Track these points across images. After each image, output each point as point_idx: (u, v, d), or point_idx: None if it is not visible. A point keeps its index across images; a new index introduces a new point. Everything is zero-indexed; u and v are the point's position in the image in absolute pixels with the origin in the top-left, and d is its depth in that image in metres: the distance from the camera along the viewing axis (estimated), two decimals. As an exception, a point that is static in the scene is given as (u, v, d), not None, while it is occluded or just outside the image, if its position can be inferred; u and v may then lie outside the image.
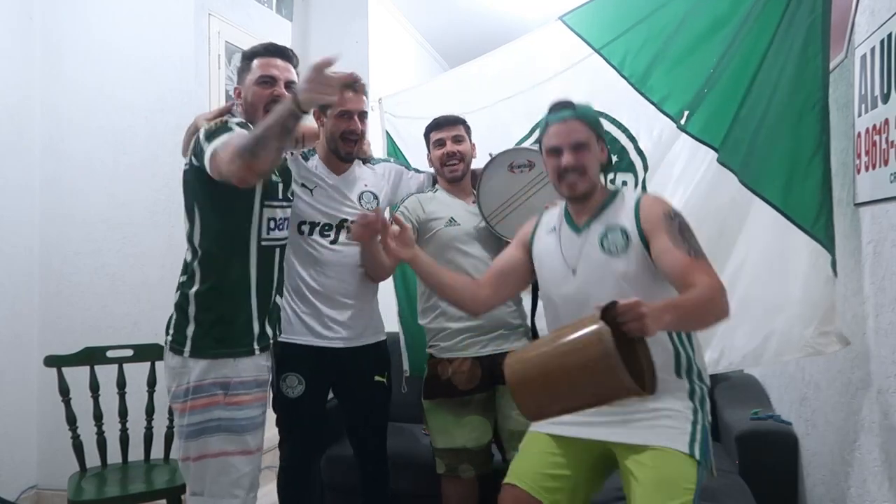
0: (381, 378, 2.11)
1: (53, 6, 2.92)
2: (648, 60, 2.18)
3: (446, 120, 2.18)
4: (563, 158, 1.62)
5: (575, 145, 1.61)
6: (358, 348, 2.05)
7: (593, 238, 1.63)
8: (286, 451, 2.10)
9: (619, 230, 1.60)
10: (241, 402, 1.69)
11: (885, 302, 1.44)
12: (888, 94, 1.41)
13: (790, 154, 1.77)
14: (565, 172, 1.62)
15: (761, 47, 1.93)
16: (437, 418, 2.12)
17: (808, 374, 2.02)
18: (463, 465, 2.08)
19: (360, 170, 2.15)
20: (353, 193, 2.09)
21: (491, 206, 2.10)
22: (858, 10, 1.63)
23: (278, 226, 1.79)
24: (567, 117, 1.65)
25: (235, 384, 1.68)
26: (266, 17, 3.50)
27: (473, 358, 2.07)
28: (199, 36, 2.89)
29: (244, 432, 1.69)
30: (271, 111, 1.56)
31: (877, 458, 1.49)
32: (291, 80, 1.80)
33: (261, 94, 1.76)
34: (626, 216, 1.61)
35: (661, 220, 1.56)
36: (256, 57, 1.81)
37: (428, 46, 4.98)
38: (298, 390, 2.00)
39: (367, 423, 2.14)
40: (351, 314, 2.04)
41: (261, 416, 1.75)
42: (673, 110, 2.12)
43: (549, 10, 2.76)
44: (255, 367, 1.73)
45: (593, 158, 1.64)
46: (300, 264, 2.01)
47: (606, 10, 2.33)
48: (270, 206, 1.76)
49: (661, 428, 1.52)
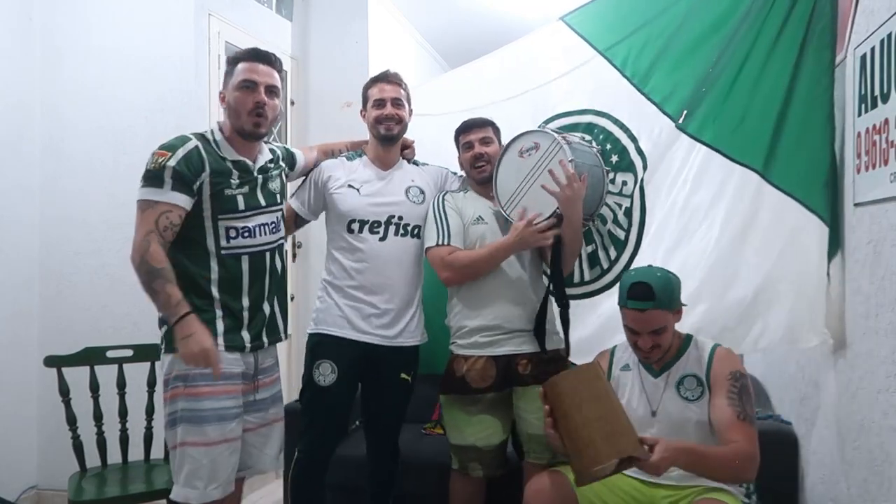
0: (407, 377, 2.16)
1: (53, 6, 2.92)
2: (650, 61, 2.19)
3: (475, 122, 2.19)
4: (641, 341, 1.73)
5: (653, 332, 1.72)
6: (395, 348, 2.11)
7: (672, 383, 1.75)
8: (305, 442, 2.13)
9: (694, 378, 1.74)
10: (200, 393, 1.72)
11: (885, 302, 1.44)
12: (888, 94, 1.41)
13: (812, 151, 1.83)
14: (644, 349, 1.74)
15: (763, 47, 1.93)
16: (451, 414, 2.12)
17: (808, 374, 2.02)
18: (472, 464, 2.08)
19: (407, 167, 2.25)
20: (400, 189, 2.17)
21: (506, 195, 2.10)
22: (858, 10, 1.63)
23: (241, 234, 1.80)
24: (648, 308, 1.71)
25: (194, 375, 1.72)
26: (266, 17, 3.50)
27: (489, 357, 2.05)
28: (199, 36, 2.89)
29: (203, 423, 1.72)
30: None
31: (877, 458, 1.48)
32: (273, 85, 1.83)
33: (243, 100, 1.79)
34: (700, 365, 1.75)
35: (726, 377, 1.70)
36: (240, 62, 1.82)
37: (428, 46, 4.98)
38: (331, 378, 2.06)
39: (387, 416, 2.19)
40: (394, 313, 2.10)
41: (226, 410, 1.75)
42: (672, 110, 2.13)
43: (549, 10, 2.76)
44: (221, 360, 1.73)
45: (670, 333, 1.75)
46: (348, 260, 2.09)
47: (607, 9, 2.33)
48: (225, 219, 1.78)
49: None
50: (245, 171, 1.84)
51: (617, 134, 2.25)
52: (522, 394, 2.06)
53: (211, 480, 1.73)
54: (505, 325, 2.05)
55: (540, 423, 1.95)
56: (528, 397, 2.03)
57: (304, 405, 2.13)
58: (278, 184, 1.97)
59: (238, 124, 1.81)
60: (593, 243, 2.28)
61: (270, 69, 1.83)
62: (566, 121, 2.36)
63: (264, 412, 1.91)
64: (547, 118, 2.40)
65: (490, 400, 2.07)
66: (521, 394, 2.06)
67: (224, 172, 1.79)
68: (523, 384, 2.05)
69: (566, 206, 1.97)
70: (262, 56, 1.84)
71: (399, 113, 2.14)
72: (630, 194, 2.21)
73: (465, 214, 2.12)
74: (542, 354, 2.06)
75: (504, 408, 2.10)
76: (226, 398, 1.75)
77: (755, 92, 1.97)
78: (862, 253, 1.59)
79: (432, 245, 2.07)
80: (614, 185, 2.23)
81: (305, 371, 2.11)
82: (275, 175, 1.95)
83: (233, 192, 1.79)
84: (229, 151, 1.83)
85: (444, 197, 2.15)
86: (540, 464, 2.02)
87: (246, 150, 1.86)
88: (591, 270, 2.29)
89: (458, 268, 2.03)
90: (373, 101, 2.16)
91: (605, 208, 2.24)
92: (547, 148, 2.03)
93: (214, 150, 1.80)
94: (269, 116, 1.83)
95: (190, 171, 1.71)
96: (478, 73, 2.62)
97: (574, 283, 2.30)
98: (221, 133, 1.85)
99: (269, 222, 1.87)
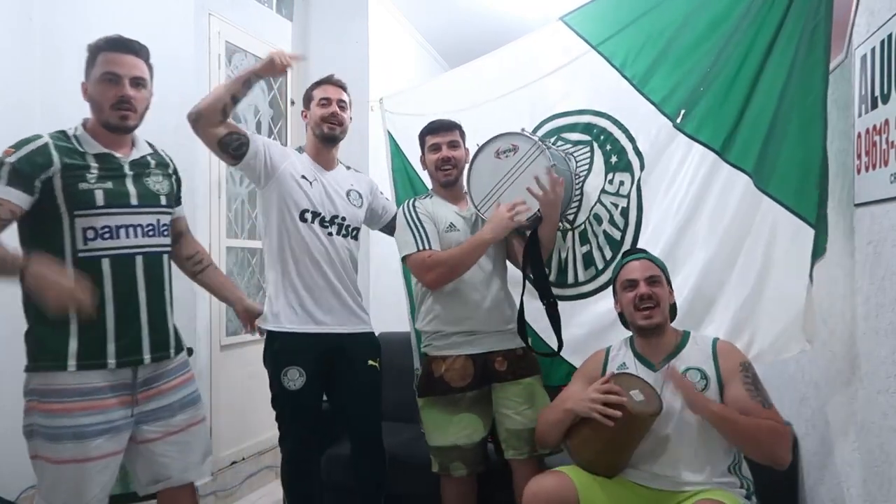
0: (374, 363, 2.20)
1: (53, 6, 2.92)
2: (650, 62, 2.19)
3: (442, 125, 2.20)
4: (639, 288, 1.81)
5: (649, 278, 1.82)
6: (352, 335, 2.15)
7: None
8: (288, 446, 2.15)
9: (697, 371, 1.75)
10: (53, 410, 1.62)
11: (885, 302, 1.44)
12: (888, 94, 1.41)
13: (803, 154, 1.79)
14: (640, 302, 1.80)
15: (761, 46, 1.92)
16: (431, 416, 2.13)
17: (808, 374, 2.02)
18: (454, 464, 2.09)
19: (344, 171, 2.28)
20: (343, 190, 2.21)
21: (481, 194, 2.12)
22: (858, 10, 1.63)
23: (101, 234, 1.66)
24: (642, 257, 1.91)
25: (46, 391, 1.64)
26: (266, 17, 3.50)
27: (466, 355, 2.08)
28: (199, 36, 2.89)
29: (57, 440, 1.62)
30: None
31: (877, 459, 1.48)
32: (139, 77, 1.73)
33: (105, 94, 1.70)
34: (704, 359, 1.77)
35: (738, 370, 1.73)
36: (100, 52, 1.71)
37: (428, 46, 4.98)
38: (299, 382, 2.06)
39: (363, 406, 2.19)
40: (344, 303, 2.14)
41: (84, 428, 1.62)
42: (671, 109, 2.12)
43: (549, 10, 2.76)
44: (69, 379, 1.64)
45: (665, 294, 1.83)
46: (302, 253, 2.10)
47: (607, 10, 2.33)
48: (82, 215, 1.65)
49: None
50: (109, 163, 1.72)
51: (616, 134, 2.25)
52: (500, 389, 2.08)
53: (74, 496, 1.63)
54: (481, 331, 2.09)
55: (519, 417, 2.00)
56: (507, 393, 2.07)
57: (277, 412, 2.14)
58: (165, 186, 1.83)
59: (102, 118, 1.72)
60: (588, 244, 2.28)
61: (135, 59, 1.72)
62: (565, 120, 2.37)
63: (166, 420, 1.77)
64: (545, 117, 2.40)
65: (470, 398, 2.09)
66: (500, 389, 2.08)
67: (79, 167, 1.67)
68: (501, 380, 2.07)
69: (548, 209, 2.04)
70: (124, 45, 1.72)
71: (342, 114, 2.17)
72: (627, 194, 2.22)
73: (437, 220, 2.13)
74: (517, 351, 2.11)
75: (484, 405, 2.12)
76: (83, 415, 1.62)
77: (753, 92, 1.95)
78: (862, 253, 1.59)
79: (412, 252, 2.07)
80: (612, 185, 2.24)
81: (273, 378, 2.13)
82: (157, 174, 1.82)
83: (89, 187, 1.66)
84: (91, 145, 1.71)
85: (413, 204, 2.16)
86: (521, 459, 2.03)
87: (114, 143, 1.75)
88: (586, 271, 2.29)
89: (442, 268, 2.03)
90: (318, 100, 2.18)
91: (601, 209, 2.25)
92: (527, 151, 2.07)
93: (71, 146, 1.69)
94: (137, 109, 1.73)
95: (30, 167, 1.61)
96: (477, 73, 2.62)
97: (568, 284, 2.31)
98: (84, 127, 1.75)
99: (143, 224, 1.73)
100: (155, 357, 1.75)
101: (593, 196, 2.29)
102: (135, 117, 1.75)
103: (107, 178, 1.70)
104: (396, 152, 2.74)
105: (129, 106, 1.71)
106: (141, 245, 1.73)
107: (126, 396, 1.71)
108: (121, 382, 1.70)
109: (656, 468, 1.75)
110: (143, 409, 1.74)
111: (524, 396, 2.07)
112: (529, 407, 2.06)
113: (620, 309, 1.92)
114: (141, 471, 1.80)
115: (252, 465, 3.29)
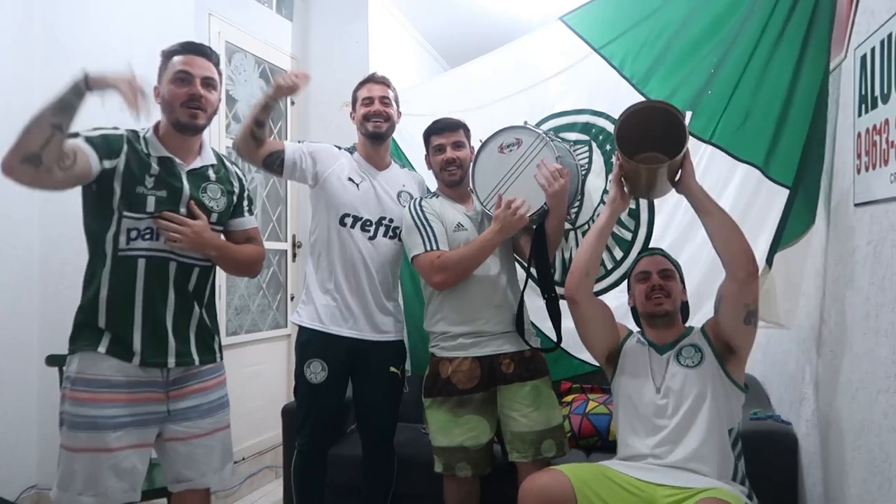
0: (396, 370, 2.21)
1: (53, 6, 2.92)
2: (650, 62, 2.19)
3: (447, 124, 2.19)
4: (652, 279, 1.89)
5: (662, 271, 1.90)
6: (381, 342, 2.17)
7: (673, 357, 1.87)
8: (304, 436, 2.18)
9: (691, 346, 1.87)
10: (80, 398, 1.66)
11: (885, 302, 1.43)
12: (888, 94, 1.41)
13: (809, 149, 1.83)
14: (652, 291, 1.88)
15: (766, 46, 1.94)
16: (437, 417, 2.12)
17: (808, 374, 2.02)
18: (460, 464, 2.08)
19: (398, 170, 2.29)
20: (394, 191, 2.21)
21: (486, 189, 2.11)
22: (858, 10, 1.63)
23: (143, 235, 1.71)
24: (657, 253, 1.99)
25: (78, 379, 1.67)
26: (266, 17, 3.50)
27: (473, 357, 2.07)
28: (199, 36, 2.89)
29: (77, 429, 1.65)
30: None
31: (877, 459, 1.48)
32: (209, 77, 1.77)
33: (176, 93, 1.74)
34: (697, 339, 1.88)
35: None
36: (174, 55, 1.77)
37: (428, 46, 4.98)
38: (321, 376, 2.10)
39: (378, 411, 2.21)
40: (371, 311, 2.15)
41: (105, 419, 1.64)
42: None
43: (549, 10, 2.76)
44: (103, 368, 1.67)
45: (677, 288, 1.92)
46: (336, 257, 2.12)
47: (607, 10, 2.33)
48: (130, 217, 1.70)
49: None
50: (169, 169, 1.75)
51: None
52: (507, 392, 2.07)
53: (87, 488, 1.64)
54: (488, 331, 2.08)
55: (524, 420, 1.99)
56: (513, 395, 2.06)
57: (297, 403, 2.19)
58: (222, 202, 1.84)
59: (172, 117, 1.75)
60: None
61: (206, 61, 1.77)
62: (563, 120, 2.37)
63: (194, 421, 1.78)
64: (544, 117, 2.41)
65: (478, 400, 2.08)
66: (506, 392, 2.07)
67: (141, 169, 1.71)
68: (507, 383, 2.07)
69: (554, 201, 2.02)
70: (197, 49, 1.78)
71: (387, 110, 2.17)
72: None
73: (445, 220, 2.12)
74: (524, 353, 2.09)
75: (490, 407, 2.11)
76: (107, 406, 1.64)
77: (758, 91, 1.97)
78: (862, 253, 1.59)
79: (420, 252, 2.06)
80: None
81: (296, 368, 2.16)
82: (215, 187, 1.83)
83: (145, 191, 1.70)
84: (156, 148, 1.75)
85: (420, 203, 2.15)
86: (525, 461, 2.03)
87: (179, 149, 1.78)
88: None
89: (451, 268, 2.03)
90: (361, 100, 2.20)
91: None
92: (530, 144, 2.06)
93: (139, 147, 1.74)
94: (207, 109, 1.76)
95: (105, 145, 1.69)
96: (476, 73, 2.62)
97: None
98: (155, 131, 1.79)
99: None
100: (179, 362, 1.76)
101: (595, 197, 2.29)
102: (204, 117, 1.77)
103: (163, 186, 1.73)
104: (396, 151, 2.73)
105: (200, 104, 1.75)
106: (176, 253, 1.75)
107: (158, 393, 1.73)
108: (151, 379, 1.72)
109: (655, 463, 1.77)
110: (174, 408, 1.76)
111: (530, 399, 2.06)
112: (535, 409, 2.05)
113: (633, 303, 1.97)
114: (167, 468, 1.83)
115: (252, 465, 3.29)
